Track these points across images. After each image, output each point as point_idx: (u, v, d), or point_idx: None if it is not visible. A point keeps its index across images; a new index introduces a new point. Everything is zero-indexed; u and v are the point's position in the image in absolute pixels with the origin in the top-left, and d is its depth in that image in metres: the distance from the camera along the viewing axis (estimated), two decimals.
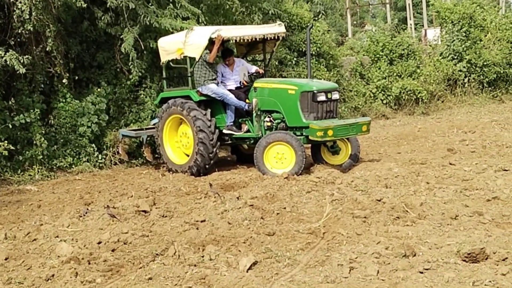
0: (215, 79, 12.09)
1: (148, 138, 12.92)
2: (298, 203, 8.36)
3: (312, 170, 11.20)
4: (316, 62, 19.42)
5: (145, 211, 8.36)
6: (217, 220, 7.61)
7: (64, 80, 13.18)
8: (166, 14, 13.52)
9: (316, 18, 22.70)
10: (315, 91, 11.29)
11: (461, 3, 24.77)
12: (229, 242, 6.73)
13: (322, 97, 11.32)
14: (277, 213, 7.85)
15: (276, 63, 17.64)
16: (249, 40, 12.31)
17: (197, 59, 11.86)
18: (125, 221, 7.90)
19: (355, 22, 51.60)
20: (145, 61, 13.90)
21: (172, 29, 13.14)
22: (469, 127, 15.95)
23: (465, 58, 22.48)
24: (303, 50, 19.29)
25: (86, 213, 8.33)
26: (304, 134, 11.23)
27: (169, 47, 12.37)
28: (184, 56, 12.12)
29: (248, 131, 11.97)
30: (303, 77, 17.68)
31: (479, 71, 22.68)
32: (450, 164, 10.84)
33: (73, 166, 12.90)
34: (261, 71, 12.57)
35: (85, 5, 12.52)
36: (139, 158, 13.51)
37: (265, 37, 12.29)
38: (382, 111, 20.24)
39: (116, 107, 14.15)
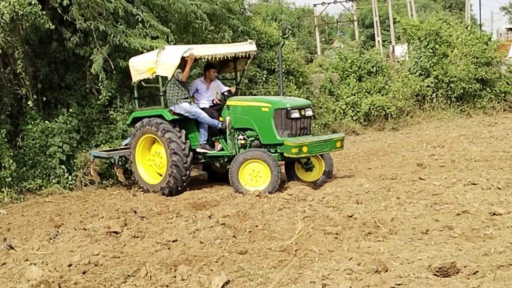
0: (187, 97, 12.07)
1: (120, 159, 12.84)
2: (270, 221, 8.36)
3: (283, 187, 11.22)
4: (286, 80, 19.51)
5: (116, 232, 8.30)
6: (189, 240, 7.58)
7: (30, 102, 13.08)
8: (135, 33, 13.49)
9: (285, 36, 22.84)
10: (288, 108, 11.32)
11: (427, 20, 25.10)
12: (201, 262, 6.70)
13: (295, 114, 11.35)
14: (249, 231, 7.84)
15: (246, 81, 17.67)
16: (221, 59, 12.30)
17: (169, 78, 11.81)
18: (96, 242, 7.83)
19: (323, 39, 51.98)
20: (114, 81, 13.83)
21: (142, 48, 13.11)
22: (438, 142, 16.12)
23: (432, 74, 22.74)
24: (273, 68, 19.40)
25: (56, 235, 8.25)
26: (278, 151, 11.24)
27: (140, 67, 12.32)
28: (156, 76, 12.07)
29: (222, 149, 11.94)
30: (274, 95, 17.75)
31: (446, 86, 22.94)
32: (420, 179, 10.93)
33: (43, 188, 12.75)
34: (233, 89, 12.55)
35: (53, 27, 12.47)
36: (110, 179, 13.40)
37: (237, 56, 12.30)
38: (352, 127, 20.36)
39: (86, 127, 14.03)
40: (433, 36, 23.48)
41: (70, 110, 13.56)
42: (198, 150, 11.94)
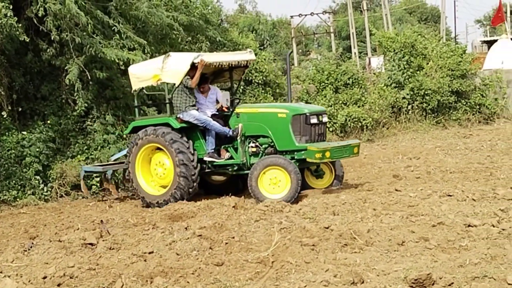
0: (194, 105, 11.86)
1: (113, 174, 12.66)
2: (247, 232, 8.34)
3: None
4: (263, 91, 19.57)
5: (91, 244, 8.24)
6: (165, 252, 7.53)
7: (4, 113, 12.98)
8: (112, 44, 13.46)
9: (263, 47, 22.92)
10: (307, 114, 11.27)
11: (402, 32, 25.31)
12: (177, 274, 6.66)
13: (314, 120, 11.31)
14: (226, 243, 7.82)
15: (223, 92, 17.65)
16: (226, 66, 12.27)
17: (177, 85, 11.64)
18: (71, 254, 7.77)
19: (300, 51, 52.19)
20: (91, 91, 13.78)
21: (118, 59, 13.09)
22: (413, 153, 16.23)
23: (408, 86, 22.91)
24: (250, 79, 19.44)
25: (31, 247, 8.17)
26: (296, 157, 11.16)
27: (142, 74, 12.10)
28: (161, 83, 11.92)
29: (230, 158, 11.76)
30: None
31: (421, 98, 23.12)
32: (396, 190, 10.98)
33: (18, 199, 12.65)
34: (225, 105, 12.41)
35: (28, 39, 12.41)
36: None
37: (235, 64, 12.27)
38: (329, 138, 20.32)
39: (62, 138, 13.95)
40: (408, 49, 23.68)
41: (48, 121, 13.46)
42: (205, 159, 11.69)
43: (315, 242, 7.49)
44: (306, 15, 45.96)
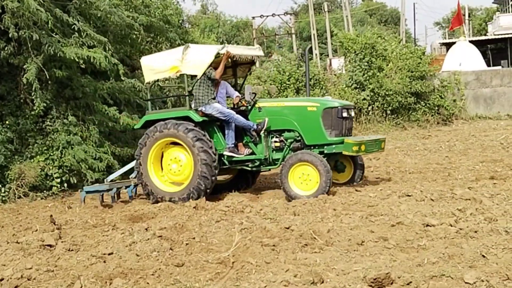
0: (215, 98, 11.59)
1: (117, 191, 12.20)
2: (207, 233, 8.33)
3: (221, 199, 11.21)
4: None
5: (50, 245, 8.13)
6: (125, 253, 7.48)
7: None
8: (71, 43, 13.31)
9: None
10: (339, 107, 11.16)
11: (363, 34, 25.53)
12: (137, 275, 6.62)
13: (345, 114, 11.21)
14: (186, 244, 7.79)
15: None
16: (244, 60, 12.17)
17: (199, 77, 11.36)
18: (29, 256, 7.66)
19: None
20: (50, 91, 13.59)
21: (78, 58, 12.94)
22: (373, 154, 16.34)
23: (368, 87, 23.11)
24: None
25: None
26: (326, 151, 11.05)
27: (159, 66, 11.74)
28: (180, 74, 11.67)
29: (251, 153, 11.54)
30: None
31: (382, 99, 23.34)
32: (356, 190, 11.05)
33: None
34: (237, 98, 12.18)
35: None
36: (44, 191, 13.15)
37: (252, 59, 12.26)
38: None
39: (20, 138, 13.73)
40: (369, 50, 23.90)
41: (7, 122, 13.23)
42: (226, 153, 11.42)
43: (275, 242, 7.50)
44: (267, 16, 46.10)
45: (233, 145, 11.45)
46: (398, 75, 24.16)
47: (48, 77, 13.17)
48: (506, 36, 48.82)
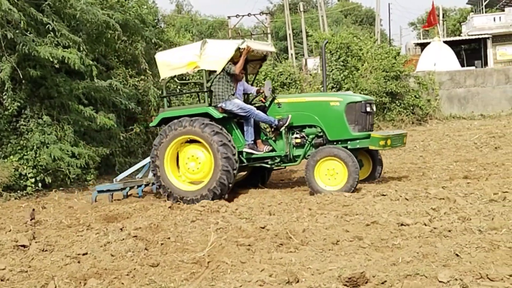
0: (234, 93, 11.42)
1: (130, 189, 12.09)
2: (183, 233, 8.30)
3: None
4: (200, 92, 19.48)
5: (24, 246, 8.05)
6: (99, 253, 7.43)
7: None
8: (46, 42, 13.19)
9: None
10: (362, 102, 11.07)
11: (338, 34, 25.63)
12: (112, 275, 6.58)
13: (368, 108, 11.13)
14: (162, 244, 7.76)
15: (159, 92, 17.56)
16: (255, 56, 12.03)
17: (218, 72, 11.16)
18: (2, 256, 7.59)
19: None
20: (24, 90, 13.46)
21: (53, 58, 12.83)
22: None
23: (344, 87, 23.21)
24: (186, 79, 19.30)
25: None
26: (349, 147, 10.93)
27: (175, 61, 11.51)
28: (198, 70, 11.50)
29: (271, 150, 11.39)
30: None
31: None
32: None
33: None
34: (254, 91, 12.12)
35: None
36: (18, 191, 13.03)
37: (265, 55, 12.16)
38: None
39: None
40: (344, 50, 24.01)
41: None
42: (245, 150, 11.23)
43: (251, 242, 7.50)
44: (243, 15, 46.04)
45: (252, 142, 11.31)
46: (373, 75, 24.31)
47: (22, 76, 13.03)
48: (480, 36, 49.35)
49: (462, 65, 39.69)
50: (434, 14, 36.90)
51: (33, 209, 9.87)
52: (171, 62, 11.57)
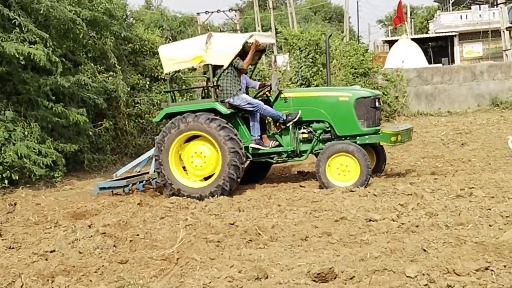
0: (241, 88, 11.27)
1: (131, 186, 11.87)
2: (152, 230, 8.28)
3: (167, 195, 11.16)
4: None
5: None
6: (67, 250, 7.38)
7: None
8: (12, 38, 13.02)
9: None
10: (372, 97, 10.99)
11: (307, 31, 25.69)
12: (80, 272, 6.54)
13: (377, 103, 11.06)
14: (130, 240, 7.73)
15: (129, 89, 17.48)
16: (266, 47, 11.91)
17: (225, 67, 10.95)
18: None
19: None
20: None
21: (19, 54, 12.67)
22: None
23: (313, 84, 23.27)
24: (155, 76, 19.25)
25: None
26: (358, 142, 10.84)
27: (179, 55, 11.27)
28: (203, 65, 11.27)
29: (277, 145, 11.26)
30: (159, 102, 17.66)
31: None
32: (301, 186, 11.14)
33: None
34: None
35: None
36: None
37: (264, 47, 12.00)
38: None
39: None
40: (313, 46, 24.05)
41: None
42: (252, 146, 11.07)
43: (220, 238, 7.51)
44: (212, 12, 45.98)
45: (259, 137, 11.18)
46: (342, 71, 24.40)
47: None
48: (447, 34, 49.86)
49: (430, 63, 40.08)
50: (402, 11, 37.18)
51: (15, 203, 9.76)
52: (176, 56, 11.35)
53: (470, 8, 54.16)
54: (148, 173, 12.14)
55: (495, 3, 44.57)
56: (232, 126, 10.87)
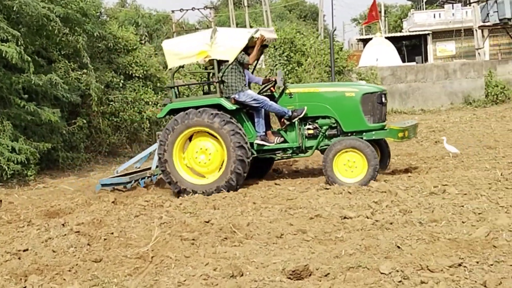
0: (246, 84, 11.14)
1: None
2: (126, 228, 8.23)
3: (140, 193, 11.11)
4: (143, 85, 19.33)
5: None
6: (40, 249, 7.31)
7: None
8: None
9: (142, 42, 22.63)
10: (378, 93, 10.91)
11: (282, 29, 25.72)
12: (53, 271, 6.48)
13: (383, 99, 10.98)
14: (105, 239, 7.68)
15: (103, 87, 17.35)
16: (270, 41, 11.81)
17: (230, 62, 10.84)
18: None
19: None
20: None
21: None
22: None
23: (288, 81, 23.30)
24: (130, 73, 19.15)
25: None
26: (364, 138, 10.74)
27: (184, 50, 11.13)
28: (209, 60, 11.08)
29: (282, 141, 11.15)
30: (132, 101, 17.58)
31: None
32: (276, 184, 11.16)
33: None
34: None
35: None
36: None
37: (268, 41, 11.83)
38: None
39: None
40: (288, 45, 24.10)
41: None
42: (257, 142, 10.97)
43: (195, 236, 7.49)
44: (187, 10, 45.75)
45: (264, 133, 11.09)
46: (317, 70, 24.47)
47: None
48: (420, 32, 50.18)
49: (403, 61, 40.35)
50: (376, 10, 37.36)
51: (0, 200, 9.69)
52: (180, 51, 11.24)
53: (443, 7, 54.56)
54: (149, 169, 12.08)
55: (468, 2, 44.91)
56: (235, 121, 10.79)
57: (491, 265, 5.70)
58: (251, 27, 33.60)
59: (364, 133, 10.90)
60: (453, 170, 11.30)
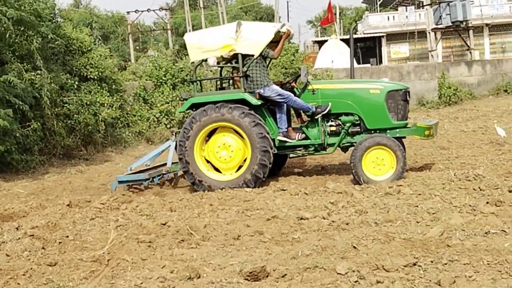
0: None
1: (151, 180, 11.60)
2: (82, 231, 8.15)
3: (97, 196, 11.00)
4: (99, 87, 19.17)
5: None
6: None
7: None
8: None
9: (96, 43, 22.44)
10: (403, 90, 10.78)
11: None
12: (7, 275, 6.38)
13: (408, 97, 10.85)
14: (60, 242, 7.58)
15: (57, 87, 17.14)
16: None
17: (256, 56, 10.66)
18: None
19: (137, 47, 51.62)
20: None
21: None
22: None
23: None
24: (85, 75, 18.98)
25: None
26: (388, 135, 10.64)
27: (207, 44, 11.00)
28: (233, 54, 10.85)
29: (304, 138, 10.98)
30: (88, 103, 17.42)
31: None
32: None
33: None
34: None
35: None
36: None
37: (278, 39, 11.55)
38: (166, 135, 20.37)
39: None
40: None
41: None
42: (279, 138, 10.81)
43: (152, 238, 7.45)
44: (142, 11, 45.48)
45: (286, 130, 10.96)
46: (273, 71, 24.52)
47: None
48: (375, 35, 50.69)
49: (358, 63, 40.70)
50: (331, 12, 37.60)
51: None
52: (203, 45, 11.08)
53: (397, 10, 55.14)
54: (165, 165, 11.99)
55: (421, 5, 45.48)
56: (255, 112, 10.65)
57: (445, 264, 5.79)
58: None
59: (388, 131, 10.87)
60: (407, 171, 11.44)
